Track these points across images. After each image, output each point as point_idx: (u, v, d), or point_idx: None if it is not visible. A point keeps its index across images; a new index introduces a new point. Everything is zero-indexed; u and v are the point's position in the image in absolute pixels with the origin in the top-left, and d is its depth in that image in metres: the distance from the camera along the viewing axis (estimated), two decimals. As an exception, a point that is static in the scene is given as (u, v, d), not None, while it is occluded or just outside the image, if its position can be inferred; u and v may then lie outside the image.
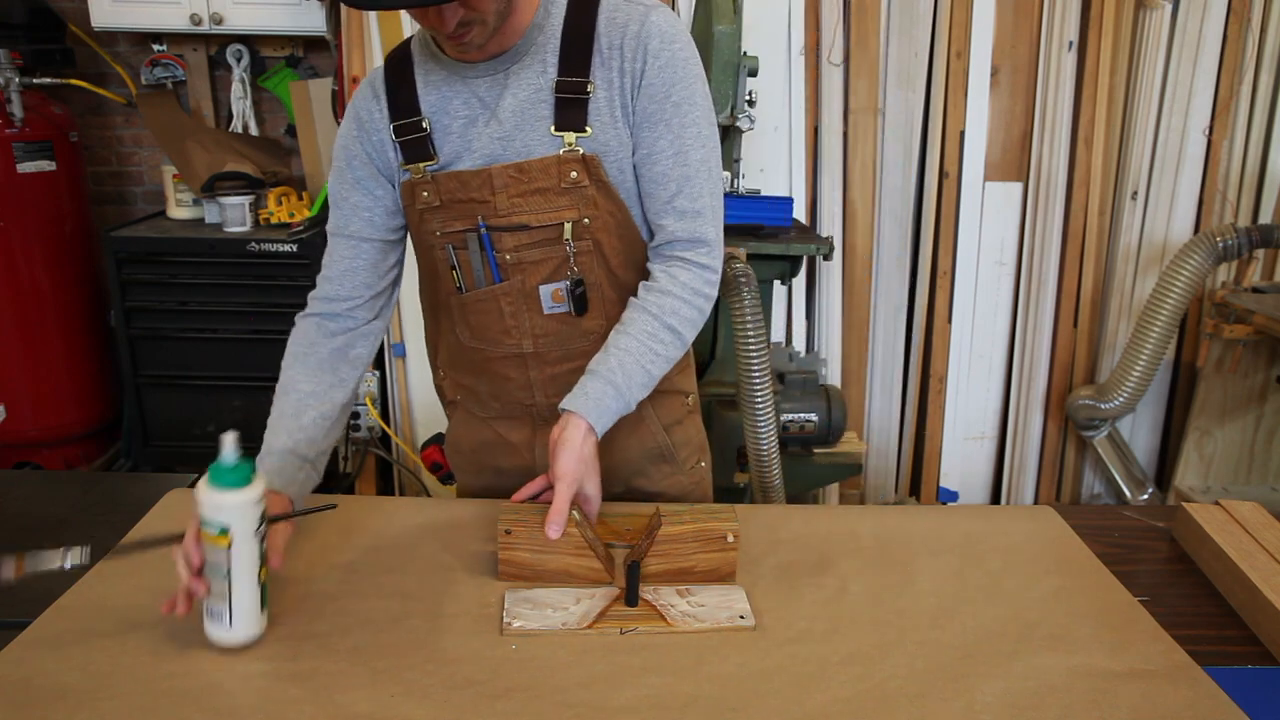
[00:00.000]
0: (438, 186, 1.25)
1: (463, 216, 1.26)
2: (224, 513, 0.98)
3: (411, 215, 1.30)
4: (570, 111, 1.21)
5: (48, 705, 0.92)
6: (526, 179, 1.22)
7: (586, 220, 1.24)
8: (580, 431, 1.17)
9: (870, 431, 3.18)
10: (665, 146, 1.22)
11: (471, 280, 1.29)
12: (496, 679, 0.99)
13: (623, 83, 1.21)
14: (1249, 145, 3.03)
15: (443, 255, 1.30)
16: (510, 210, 1.24)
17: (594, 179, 1.23)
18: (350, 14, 2.77)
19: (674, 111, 1.21)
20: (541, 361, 1.33)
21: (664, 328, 1.23)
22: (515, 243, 1.25)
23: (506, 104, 1.22)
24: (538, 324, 1.30)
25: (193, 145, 3.05)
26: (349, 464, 2.93)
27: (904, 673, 1.02)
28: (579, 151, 1.21)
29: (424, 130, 1.24)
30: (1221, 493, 2.97)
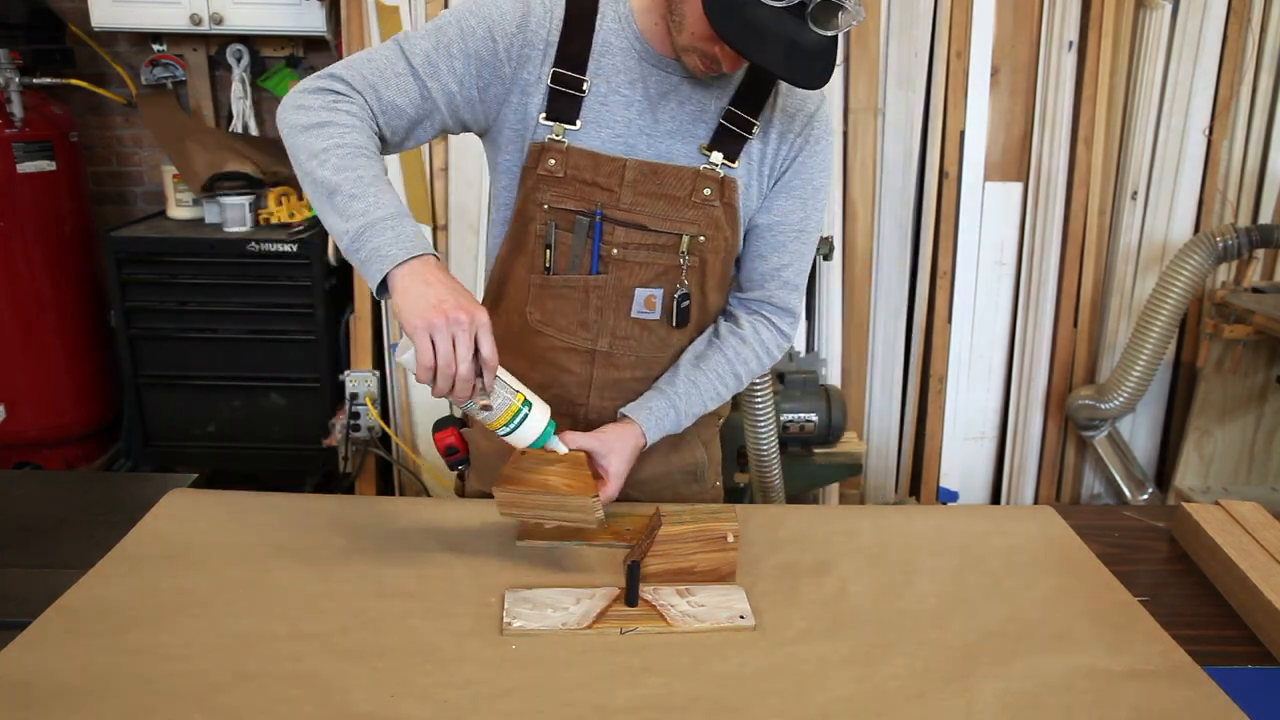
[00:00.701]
0: (567, 158, 1.22)
1: (580, 198, 1.24)
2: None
3: (526, 178, 1.24)
4: (727, 140, 1.25)
5: (48, 705, 0.92)
6: (658, 181, 1.23)
7: (703, 239, 1.26)
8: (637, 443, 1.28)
9: (870, 431, 3.18)
10: (794, 221, 1.31)
11: (565, 264, 1.27)
12: (496, 679, 0.99)
13: (780, 148, 1.27)
14: (1249, 145, 3.03)
15: (541, 230, 1.26)
16: (633, 206, 1.24)
17: (725, 202, 1.26)
18: (350, 14, 2.77)
19: (811, 194, 1.31)
20: (612, 363, 1.32)
21: (732, 374, 1.34)
22: (627, 239, 1.25)
23: (669, 107, 1.23)
24: (621, 325, 1.30)
25: (193, 145, 3.05)
26: (349, 464, 2.93)
27: (904, 673, 1.02)
28: (719, 173, 1.24)
29: (582, 93, 1.21)
30: (1221, 493, 2.97)
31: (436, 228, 2.81)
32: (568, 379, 1.34)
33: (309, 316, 2.89)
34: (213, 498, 1.36)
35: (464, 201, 2.79)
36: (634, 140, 1.23)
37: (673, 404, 1.30)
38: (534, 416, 1.16)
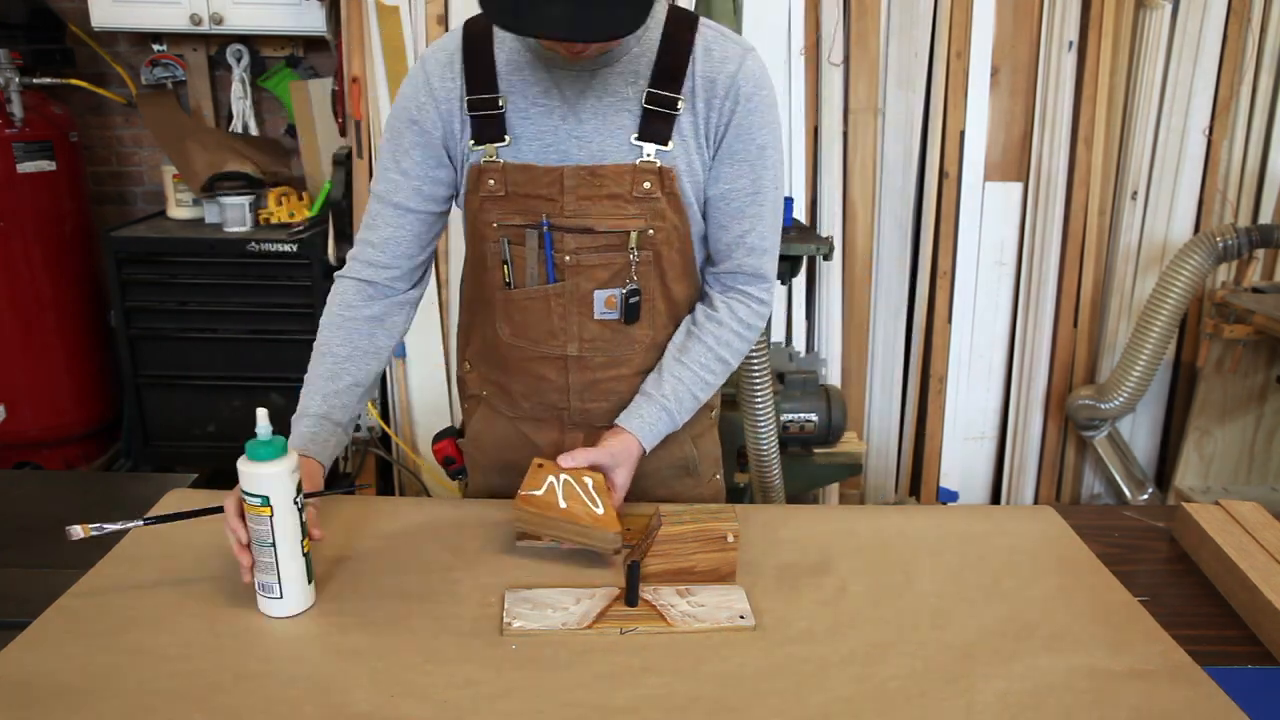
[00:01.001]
0: (505, 176, 1.24)
1: (525, 211, 1.25)
2: (264, 483, 1.03)
3: (471, 201, 1.28)
4: (655, 125, 1.23)
5: (48, 705, 0.92)
6: (598, 183, 1.23)
7: (651, 231, 1.26)
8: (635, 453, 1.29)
9: (870, 431, 3.18)
10: (744, 185, 1.28)
11: (523, 277, 1.28)
12: (496, 679, 0.99)
13: (709, 115, 1.24)
14: (1249, 145, 3.03)
15: (495, 248, 1.28)
16: (577, 212, 1.24)
17: (666, 191, 1.25)
18: (350, 14, 2.77)
19: (757, 154, 1.27)
20: (584, 366, 1.33)
21: (716, 359, 1.32)
22: (577, 245, 1.25)
23: (589, 105, 1.23)
24: (587, 328, 1.31)
25: (193, 145, 3.05)
26: (349, 464, 2.93)
27: (904, 673, 1.02)
28: (656, 163, 1.24)
29: (500, 109, 1.23)
30: (1221, 493, 2.97)
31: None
32: (546, 386, 1.35)
33: (309, 316, 2.89)
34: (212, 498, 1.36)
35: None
36: (565, 146, 1.23)
37: (663, 407, 1.31)
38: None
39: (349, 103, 2.82)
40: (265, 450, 1.04)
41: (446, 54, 1.25)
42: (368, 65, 2.77)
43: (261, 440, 1.05)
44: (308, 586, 1.10)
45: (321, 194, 3.00)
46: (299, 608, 1.09)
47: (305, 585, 1.09)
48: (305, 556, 1.08)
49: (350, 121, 2.83)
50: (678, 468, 1.44)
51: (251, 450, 1.05)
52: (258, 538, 1.06)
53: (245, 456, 1.05)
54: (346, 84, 2.82)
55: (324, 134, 3.18)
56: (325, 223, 2.89)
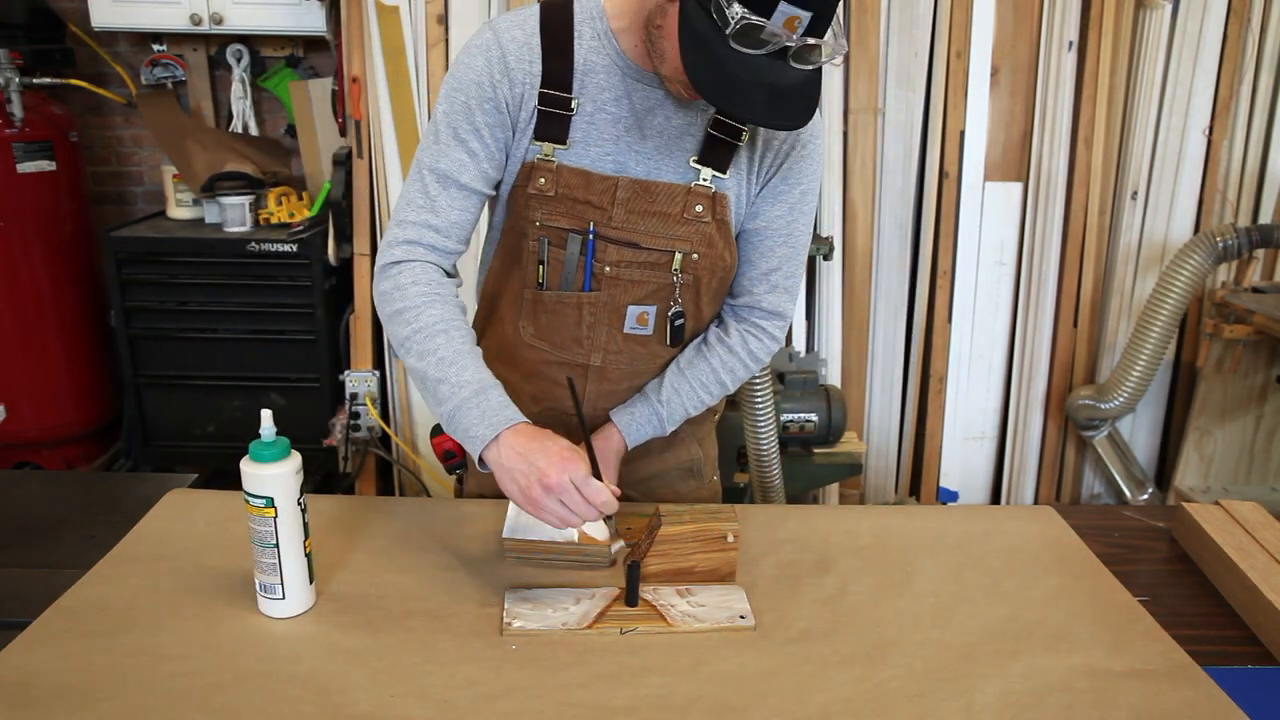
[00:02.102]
0: (558, 177, 1.22)
1: (572, 215, 1.23)
2: (265, 485, 1.04)
3: (517, 195, 1.24)
4: (716, 151, 1.23)
5: (48, 705, 0.92)
6: (650, 199, 1.23)
7: (696, 256, 1.26)
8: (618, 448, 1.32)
9: (870, 431, 3.18)
10: (781, 226, 1.29)
11: (557, 280, 1.27)
12: (496, 679, 0.99)
13: (765, 154, 1.26)
14: (1249, 145, 3.03)
15: (534, 247, 1.26)
16: (625, 225, 1.23)
17: (717, 218, 1.25)
18: (350, 14, 2.77)
19: (799, 198, 1.29)
20: (603, 377, 1.33)
21: (716, 382, 1.35)
22: (619, 257, 1.25)
23: (656, 121, 1.22)
24: (614, 341, 1.30)
25: (193, 145, 3.05)
26: (349, 464, 2.93)
27: (904, 673, 1.02)
28: (711, 189, 1.24)
29: (570, 111, 1.20)
30: (1221, 493, 2.97)
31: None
32: (561, 392, 1.33)
33: (309, 316, 2.89)
34: (213, 498, 1.36)
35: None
36: (623, 158, 1.22)
37: (655, 411, 1.32)
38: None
39: (349, 103, 2.82)
40: (269, 452, 1.05)
41: (524, 34, 1.20)
42: (368, 65, 2.77)
43: (265, 441, 1.05)
44: (309, 587, 1.10)
45: (321, 194, 3.00)
46: (300, 608, 1.09)
47: (307, 586, 1.10)
48: (307, 557, 1.09)
49: (350, 121, 2.82)
50: (684, 469, 1.44)
51: (255, 451, 1.05)
52: (260, 539, 1.06)
53: (248, 458, 1.05)
54: (346, 84, 2.82)
55: (324, 134, 3.18)
56: (325, 223, 2.89)
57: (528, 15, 1.21)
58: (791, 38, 1.02)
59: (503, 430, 1.12)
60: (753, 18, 1.00)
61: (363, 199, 2.84)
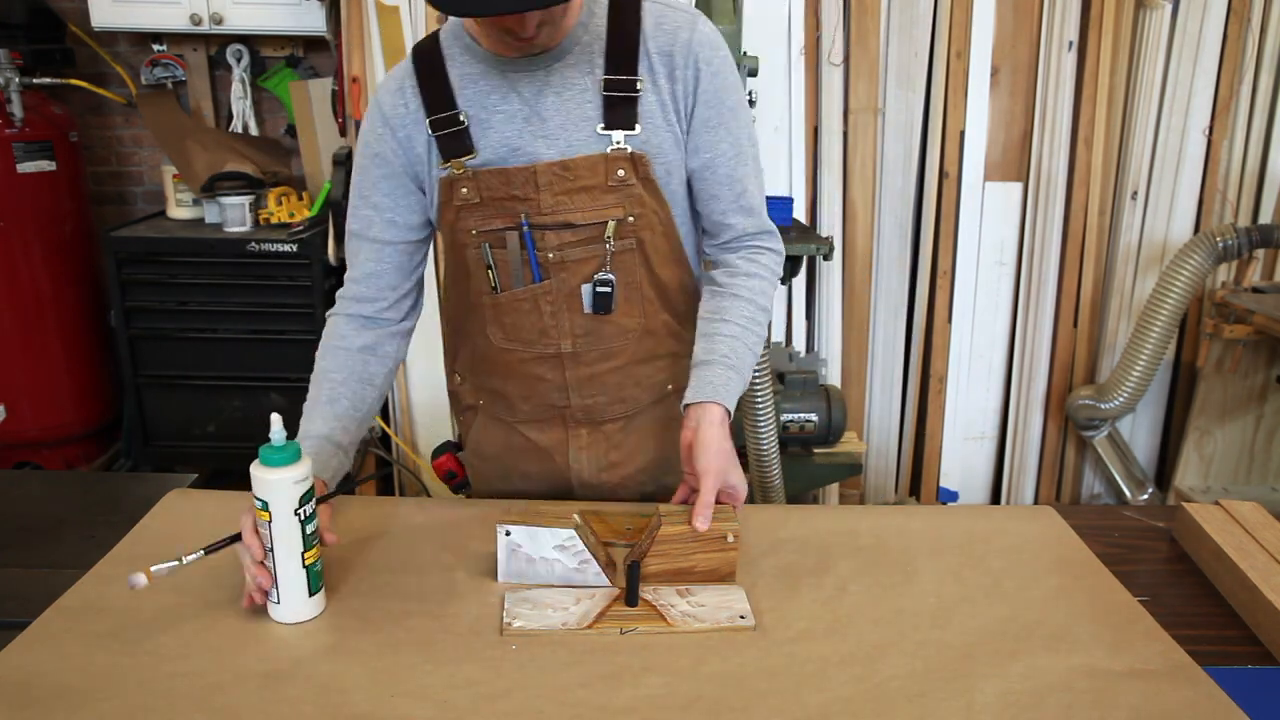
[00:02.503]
0: (478, 183, 1.23)
1: (503, 214, 1.24)
2: (264, 488, 1.04)
3: (446, 213, 1.27)
4: (619, 110, 1.22)
5: (48, 705, 0.92)
6: (572, 176, 1.22)
7: (631, 219, 1.25)
8: (715, 425, 1.19)
9: (870, 431, 3.18)
10: (727, 149, 1.27)
11: (508, 280, 1.28)
12: (496, 679, 0.99)
13: (674, 88, 1.23)
14: (1249, 145, 3.03)
15: (477, 254, 1.28)
16: (555, 208, 1.24)
17: (641, 177, 1.24)
18: (350, 14, 2.77)
19: (730, 116, 1.26)
20: (578, 362, 1.32)
21: (759, 309, 1.30)
22: (559, 241, 1.25)
23: (549, 102, 1.22)
24: (578, 323, 1.30)
25: (193, 145, 3.05)
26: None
27: (904, 673, 1.02)
28: (627, 150, 1.22)
29: (462, 124, 1.22)
30: (1221, 493, 2.97)
31: (436, 228, 2.81)
32: (544, 386, 1.34)
33: (309, 316, 2.89)
34: (213, 498, 1.36)
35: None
36: (533, 148, 1.22)
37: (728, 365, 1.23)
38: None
39: (349, 103, 2.82)
40: (272, 456, 1.04)
41: (396, 81, 1.26)
42: (368, 65, 2.77)
43: (273, 445, 1.04)
44: (309, 598, 1.08)
45: (321, 194, 3.00)
46: (296, 617, 1.08)
47: (306, 596, 1.08)
48: (308, 568, 1.07)
49: (350, 121, 2.83)
50: None
51: (261, 454, 1.05)
52: (264, 540, 1.06)
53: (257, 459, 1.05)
54: (346, 84, 2.82)
55: (324, 134, 3.18)
56: (325, 223, 2.89)
57: (402, 64, 1.28)
58: None
59: None
60: None
61: (363, 199, 2.83)
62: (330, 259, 2.86)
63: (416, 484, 3.00)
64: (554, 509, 1.21)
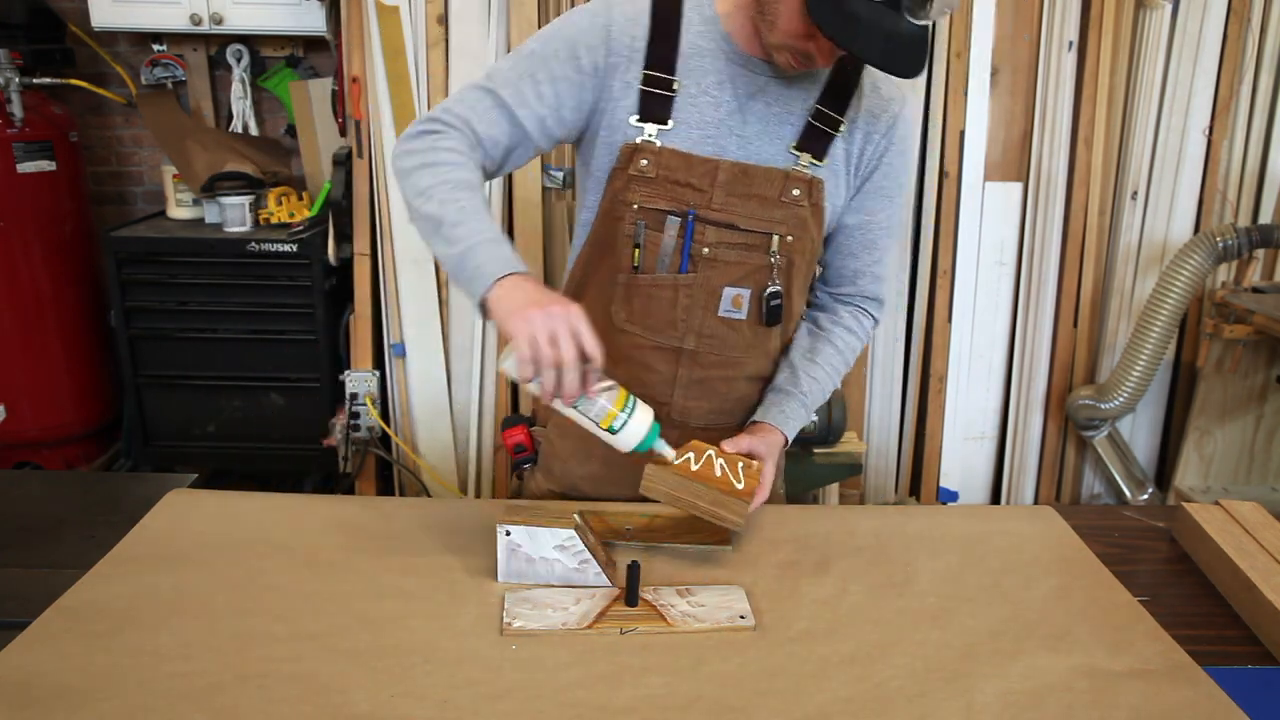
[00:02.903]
0: (659, 159, 1.23)
1: (672, 198, 1.25)
2: None
3: (615, 178, 1.25)
4: (816, 139, 1.26)
5: (48, 705, 0.92)
6: (748, 182, 1.25)
7: (791, 239, 1.28)
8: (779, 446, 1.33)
9: (870, 431, 3.18)
10: (883, 220, 1.35)
11: (653, 263, 1.28)
12: (496, 679, 0.99)
13: (865, 148, 1.29)
14: (1249, 145, 3.03)
15: (629, 230, 1.26)
16: (725, 206, 1.25)
17: (812, 203, 1.27)
18: (350, 14, 2.77)
19: (897, 192, 1.35)
20: (695, 362, 1.33)
21: (843, 362, 1.41)
22: (718, 239, 1.26)
23: (757, 107, 1.25)
24: (708, 324, 1.31)
25: (193, 145, 3.05)
26: (349, 464, 2.93)
27: (904, 673, 1.02)
28: (807, 173, 1.26)
29: (673, 92, 1.22)
30: (1221, 493, 2.97)
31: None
32: (652, 378, 1.34)
33: (309, 316, 2.89)
34: (213, 498, 1.36)
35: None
36: (724, 141, 1.24)
37: (802, 403, 1.36)
38: (638, 416, 1.15)
39: (349, 103, 2.82)
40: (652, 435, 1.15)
41: (635, 9, 1.23)
42: (368, 65, 2.77)
43: None
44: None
45: (321, 194, 3.00)
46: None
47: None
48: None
49: (350, 121, 2.82)
50: None
51: None
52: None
53: None
54: (346, 84, 2.82)
55: (324, 134, 3.17)
56: (325, 223, 2.88)
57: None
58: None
59: (515, 272, 1.10)
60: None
61: (363, 199, 2.84)
62: (330, 259, 2.86)
63: (416, 484, 3.00)
64: (554, 509, 1.21)
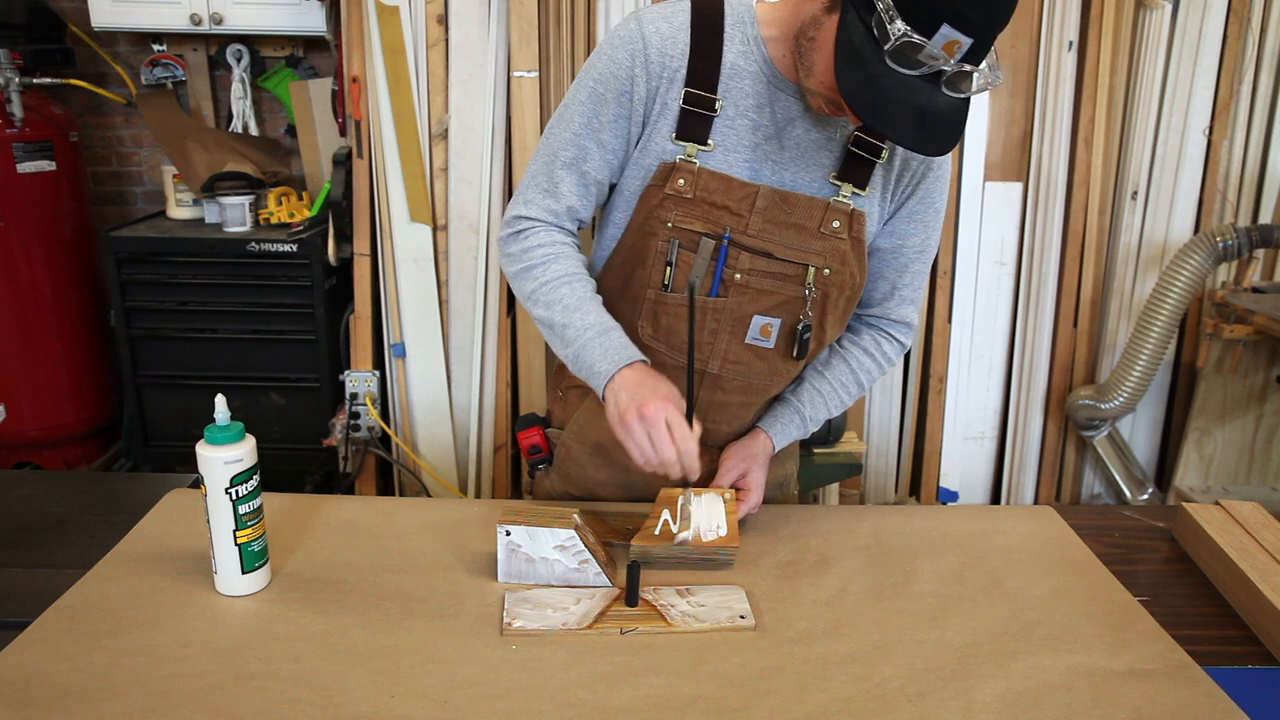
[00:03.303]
0: (698, 179, 1.20)
1: (708, 220, 1.22)
2: (201, 465, 1.10)
3: (650, 195, 1.22)
4: (856, 168, 1.23)
5: (48, 705, 0.92)
6: (788, 210, 1.22)
7: (828, 271, 1.25)
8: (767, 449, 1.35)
9: (870, 431, 3.18)
10: (916, 243, 1.32)
11: (683, 283, 1.24)
12: (496, 679, 0.99)
13: (903, 173, 1.26)
14: (1249, 145, 3.03)
15: (663, 247, 1.23)
16: (761, 233, 1.22)
17: (853, 235, 1.25)
18: (350, 14, 2.77)
19: (933, 217, 1.31)
20: (718, 386, 1.31)
21: (855, 383, 1.39)
22: (752, 266, 1.23)
23: (795, 133, 1.21)
24: (734, 350, 1.29)
25: (193, 145, 3.05)
26: (349, 464, 2.93)
27: (904, 673, 1.02)
28: (849, 205, 1.23)
29: (714, 111, 1.19)
30: (1221, 493, 2.97)
31: (436, 228, 2.81)
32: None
33: (309, 316, 2.89)
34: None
35: (463, 201, 2.79)
36: (760, 165, 1.21)
37: (798, 411, 1.35)
38: None
39: (349, 103, 2.82)
40: (211, 434, 1.11)
41: (671, 28, 1.19)
42: (368, 65, 2.77)
43: (215, 425, 1.11)
44: (243, 576, 1.12)
45: (321, 194, 3.00)
46: (231, 591, 1.13)
47: (239, 574, 1.12)
48: (239, 547, 1.11)
49: (350, 121, 2.82)
50: (776, 486, 1.46)
51: (206, 432, 1.11)
52: None
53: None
54: (346, 84, 2.82)
55: (324, 134, 3.18)
56: (325, 223, 2.89)
57: (677, 10, 1.21)
58: (949, 62, 1.02)
59: (623, 366, 1.16)
60: (914, 37, 0.99)
61: (363, 199, 2.84)
62: (330, 259, 2.86)
63: (416, 484, 3.00)
64: (554, 509, 1.21)
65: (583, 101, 1.22)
